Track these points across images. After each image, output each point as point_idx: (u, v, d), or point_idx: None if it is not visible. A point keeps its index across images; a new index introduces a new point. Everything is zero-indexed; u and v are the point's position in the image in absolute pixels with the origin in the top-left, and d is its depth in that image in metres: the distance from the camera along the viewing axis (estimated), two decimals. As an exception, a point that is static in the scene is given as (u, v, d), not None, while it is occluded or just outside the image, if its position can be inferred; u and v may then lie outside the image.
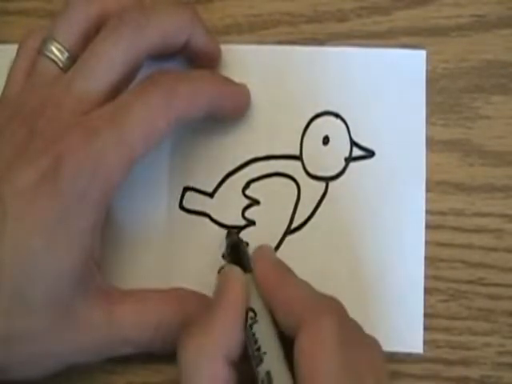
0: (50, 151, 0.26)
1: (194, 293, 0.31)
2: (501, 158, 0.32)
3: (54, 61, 0.29)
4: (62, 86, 0.28)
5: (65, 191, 0.26)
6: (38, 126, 0.27)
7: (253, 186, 0.32)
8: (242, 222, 0.32)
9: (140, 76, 0.30)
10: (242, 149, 0.33)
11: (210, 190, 0.33)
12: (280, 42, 0.33)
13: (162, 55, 0.30)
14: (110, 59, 0.28)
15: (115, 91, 0.28)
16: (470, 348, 0.31)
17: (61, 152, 0.26)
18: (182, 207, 0.33)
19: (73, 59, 0.29)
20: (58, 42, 0.29)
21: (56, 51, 0.29)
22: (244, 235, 0.32)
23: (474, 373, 0.31)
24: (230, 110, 0.32)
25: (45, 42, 0.29)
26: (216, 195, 0.33)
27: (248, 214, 0.32)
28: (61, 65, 0.29)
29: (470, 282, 0.31)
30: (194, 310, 0.30)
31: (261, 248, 0.30)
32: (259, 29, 0.33)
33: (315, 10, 0.33)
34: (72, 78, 0.28)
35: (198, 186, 0.33)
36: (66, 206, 0.26)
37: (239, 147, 0.33)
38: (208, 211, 0.33)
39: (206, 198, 0.33)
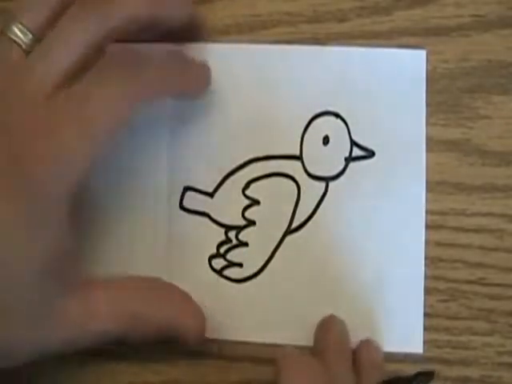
0: (10, 147, 0.26)
1: (168, 283, 0.31)
2: (501, 157, 0.32)
3: (16, 42, 0.27)
4: (24, 69, 0.27)
5: (25, 190, 0.26)
6: None
7: (253, 186, 0.32)
8: (242, 222, 0.32)
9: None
10: (241, 149, 0.33)
11: (210, 190, 0.33)
12: (280, 42, 0.33)
13: (133, 35, 0.29)
14: (70, 40, 0.27)
15: (79, 71, 0.27)
16: (470, 348, 0.31)
17: (20, 149, 0.26)
18: (182, 207, 0.33)
19: (38, 41, 0.28)
20: (22, 24, 0.27)
21: (19, 32, 0.27)
22: (244, 235, 0.32)
23: (473, 373, 0.31)
24: (192, 93, 0.32)
25: (7, 23, 0.28)
26: (216, 195, 0.33)
27: (248, 214, 0.32)
28: (24, 46, 0.27)
29: (469, 281, 0.31)
30: (170, 300, 0.30)
31: None
32: (259, 29, 0.33)
33: (315, 10, 0.33)
34: (33, 59, 0.27)
35: (197, 186, 0.33)
36: (28, 204, 0.26)
37: (239, 147, 0.33)
38: (208, 211, 0.33)
39: (206, 198, 0.33)
